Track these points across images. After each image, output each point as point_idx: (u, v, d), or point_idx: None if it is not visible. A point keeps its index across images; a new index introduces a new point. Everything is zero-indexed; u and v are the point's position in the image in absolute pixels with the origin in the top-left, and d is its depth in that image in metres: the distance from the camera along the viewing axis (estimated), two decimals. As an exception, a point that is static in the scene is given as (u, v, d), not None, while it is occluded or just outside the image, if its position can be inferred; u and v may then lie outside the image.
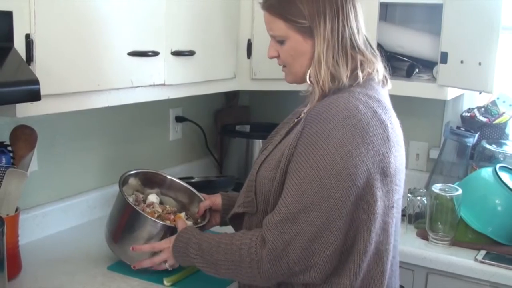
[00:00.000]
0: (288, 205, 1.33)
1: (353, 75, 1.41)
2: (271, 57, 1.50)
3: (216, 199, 1.76)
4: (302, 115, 1.54)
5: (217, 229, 1.77)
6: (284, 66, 1.51)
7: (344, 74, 1.39)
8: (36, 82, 1.29)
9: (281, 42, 1.46)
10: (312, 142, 1.32)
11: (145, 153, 2.35)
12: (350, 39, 1.42)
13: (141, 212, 1.63)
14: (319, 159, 1.30)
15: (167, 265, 1.57)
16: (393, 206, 1.42)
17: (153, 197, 1.78)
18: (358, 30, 1.44)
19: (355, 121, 1.32)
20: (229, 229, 1.65)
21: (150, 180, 1.84)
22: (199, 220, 1.75)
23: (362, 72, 1.41)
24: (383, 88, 1.47)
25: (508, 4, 1.96)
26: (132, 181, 1.80)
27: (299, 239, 1.31)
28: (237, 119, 2.78)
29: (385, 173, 1.37)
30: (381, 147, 1.35)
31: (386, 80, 1.49)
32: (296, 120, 1.55)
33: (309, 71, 1.43)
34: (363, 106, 1.35)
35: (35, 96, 1.29)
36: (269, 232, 1.34)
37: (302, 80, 1.49)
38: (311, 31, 1.40)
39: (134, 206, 1.64)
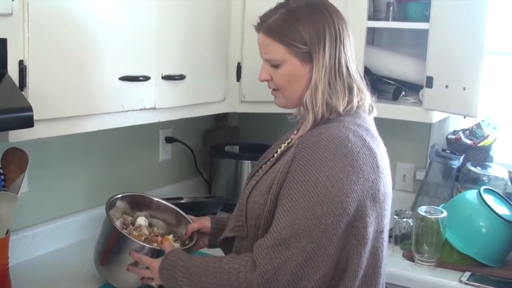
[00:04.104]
0: (280, 230, 1.34)
1: (348, 105, 1.43)
2: (263, 80, 1.51)
3: (205, 222, 1.76)
4: (291, 140, 1.57)
5: (205, 251, 1.79)
6: (274, 89, 1.51)
7: (341, 103, 1.42)
8: (29, 109, 1.30)
9: (275, 66, 1.46)
10: (304, 170, 1.34)
11: (135, 174, 2.37)
12: (346, 66, 1.44)
13: (127, 235, 1.63)
14: (311, 187, 1.33)
15: (153, 284, 1.58)
16: (382, 231, 1.45)
17: (141, 220, 1.79)
18: (352, 57, 1.46)
19: (346, 150, 1.35)
20: (217, 251, 1.67)
21: (137, 203, 1.85)
22: (186, 242, 1.76)
23: (355, 101, 1.44)
24: (369, 115, 1.51)
25: (491, 29, 2.00)
26: (120, 204, 1.81)
27: (289, 264, 1.33)
28: (227, 140, 2.79)
29: (375, 199, 1.39)
30: (371, 174, 1.38)
31: (372, 108, 1.52)
32: (284, 145, 1.57)
33: (305, 96, 1.44)
34: (353, 136, 1.37)
35: (28, 123, 1.30)
36: (261, 256, 1.36)
37: (295, 105, 1.50)
38: (310, 57, 1.42)
39: (120, 230, 1.64)
